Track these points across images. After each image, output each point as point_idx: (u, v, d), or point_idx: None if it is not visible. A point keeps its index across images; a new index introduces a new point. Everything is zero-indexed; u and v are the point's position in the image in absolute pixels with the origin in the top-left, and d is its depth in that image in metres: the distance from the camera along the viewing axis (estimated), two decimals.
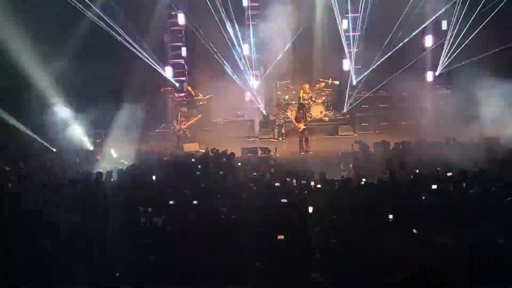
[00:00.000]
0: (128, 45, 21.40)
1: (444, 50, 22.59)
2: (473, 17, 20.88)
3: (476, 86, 20.51)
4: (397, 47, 21.55)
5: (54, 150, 18.97)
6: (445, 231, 9.51)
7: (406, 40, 21.46)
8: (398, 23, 21.47)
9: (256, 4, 23.39)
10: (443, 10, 22.15)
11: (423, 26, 22.34)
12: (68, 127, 20.05)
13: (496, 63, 21.43)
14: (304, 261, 8.78)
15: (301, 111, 19.48)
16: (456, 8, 21.73)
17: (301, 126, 19.06)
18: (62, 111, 20.14)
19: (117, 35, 21.16)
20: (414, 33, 21.68)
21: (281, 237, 9.37)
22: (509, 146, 15.69)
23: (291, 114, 20.83)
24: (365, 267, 8.60)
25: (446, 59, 22.54)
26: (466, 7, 21.33)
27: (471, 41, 21.25)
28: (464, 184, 12.16)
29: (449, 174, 13.05)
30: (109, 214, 11.10)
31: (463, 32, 21.40)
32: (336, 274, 8.42)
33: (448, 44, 22.45)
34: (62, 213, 11.29)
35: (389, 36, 21.60)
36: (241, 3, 23.25)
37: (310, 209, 10.59)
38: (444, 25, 22.62)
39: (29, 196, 12.50)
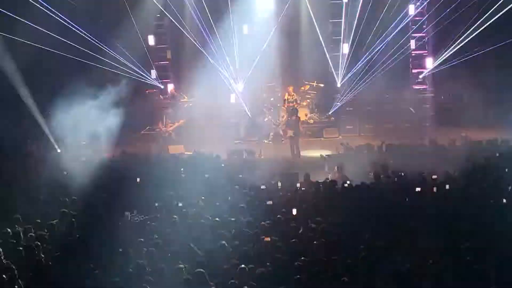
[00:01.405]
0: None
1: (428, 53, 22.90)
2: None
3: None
4: (380, 50, 21.74)
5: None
6: (428, 232, 9.61)
7: (386, 40, 21.62)
8: (381, 25, 21.70)
9: (243, 6, 23.42)
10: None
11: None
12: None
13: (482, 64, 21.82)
14: (290, 263, 8.82)
15: (293, 117, 18.94)
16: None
17: (290, 133, 18.57)
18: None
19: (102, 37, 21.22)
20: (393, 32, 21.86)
21: (267, 238, 9.41)
22: (491, 149, 15.82)
23: (283, 117, 20.58)
24: (348, 268, 8.65)
25: (431, 62, 22.78)
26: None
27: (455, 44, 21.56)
28: (447, 187, 12.26)
29: (434, 176, 13.12)
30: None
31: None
32: (320, 275, 8.47)
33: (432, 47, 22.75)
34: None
35: (374, 39, 21.78)
36: (228, 4, 23.29)
37: (294, 211, 10.62)
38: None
39: None
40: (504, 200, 11.07)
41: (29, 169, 16.15)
